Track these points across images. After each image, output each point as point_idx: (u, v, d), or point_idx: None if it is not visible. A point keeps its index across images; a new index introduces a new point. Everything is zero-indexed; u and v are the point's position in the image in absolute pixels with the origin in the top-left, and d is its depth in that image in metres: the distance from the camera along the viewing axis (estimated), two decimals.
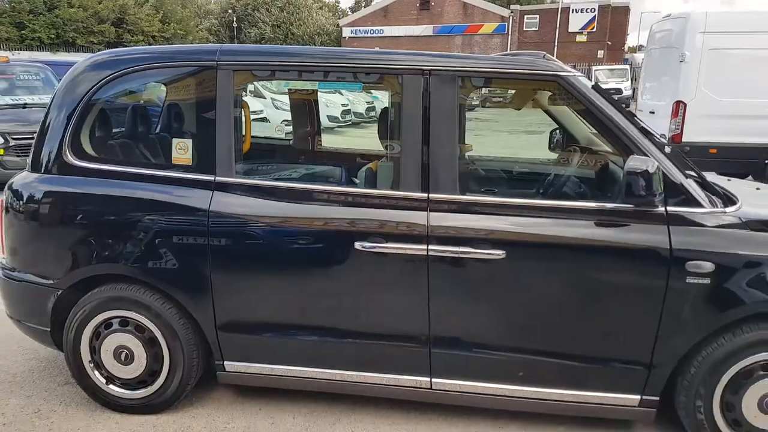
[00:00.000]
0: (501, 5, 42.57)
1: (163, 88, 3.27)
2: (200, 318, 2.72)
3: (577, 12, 37.05)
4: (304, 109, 4.14)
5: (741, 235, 2.39)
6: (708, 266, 2.35)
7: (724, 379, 2.46)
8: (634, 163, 2.28)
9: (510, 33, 38.68)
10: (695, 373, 2.47)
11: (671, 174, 2.43)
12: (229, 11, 44.85)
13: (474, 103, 30.68)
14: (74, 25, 29.98)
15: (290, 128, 4.25)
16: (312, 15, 44.58)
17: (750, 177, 8.40)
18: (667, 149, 2.55)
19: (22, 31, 29.09)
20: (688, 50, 8.42)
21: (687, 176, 2.49)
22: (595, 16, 36.63)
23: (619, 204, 2.41)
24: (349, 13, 51.77)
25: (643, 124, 2.67)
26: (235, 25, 44.31)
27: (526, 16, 38.98)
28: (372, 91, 22.81)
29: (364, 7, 52.05)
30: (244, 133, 2.84)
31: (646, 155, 2.40)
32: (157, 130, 3.35)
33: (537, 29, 38.43)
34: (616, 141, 2.50)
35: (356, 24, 43.47)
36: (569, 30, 37.21)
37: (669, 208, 2.40)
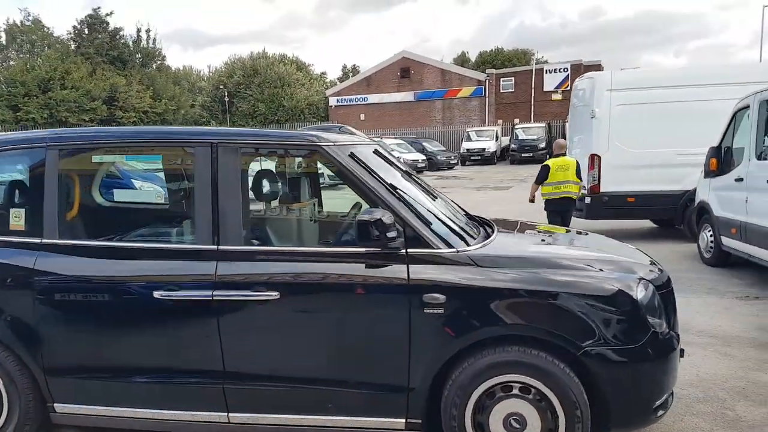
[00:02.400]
0: (480, 70, 44.34)
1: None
2: (31, 365, 3.09)
3: (550, 72, 38.55)
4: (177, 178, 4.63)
5: (468, 270, 2.80)
6: (441, 298, 2.74)
7: (472, 400, 2.80)
8: (364, 214, 2.73)
9: (487, 95, 40.07)
10: (448, 396, 2.82)
11: (409, 222, 2.86)
12: (221, 87, 46.65)
13: (452, 162, 31.87)
14: (66, 105, 31.41)
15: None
16: (304, 89, 46.30)
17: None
18: (415, 203, 2.99)
19: (17, 113, 30.54)
20: (597, 107, 9.05)
21: (428, 223, 2.91)
22: (568, 75, 38.03)
23: (371, 248, 2.82)
24: (337, 82, 53.68)
25: (400, 182, 3.15)
26: (226, 99, 46.01)
27: (502, 79, 40.49)
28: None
29: (352, 76, 54.03)
30: (73, 202, 3.31)
31: (387, 207, 2.84)
32: None
33: (513, 90, 39.87)
34: (365, 197, 2.96)
35: (342, 93, 45.09)
36: (544, 89, 38.58)
37: (409, 250, 2.83)
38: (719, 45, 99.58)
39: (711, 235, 7.33)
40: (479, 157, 32.71)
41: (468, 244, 2.96)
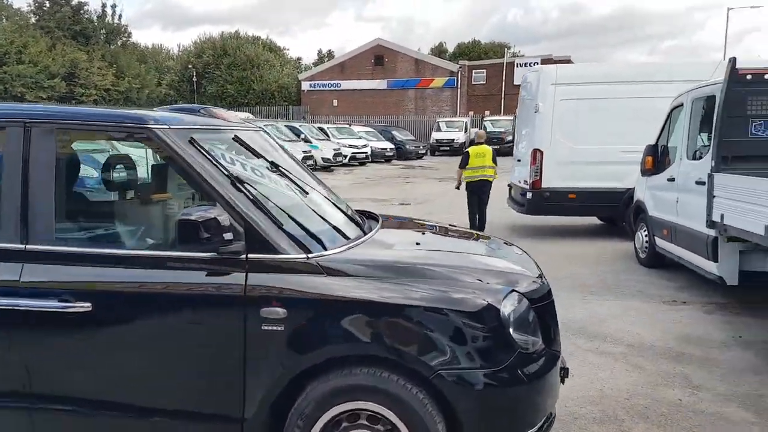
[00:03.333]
0: (455, 61, 44.00)
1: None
2: None
3: (521, 66, 38.35)
4: None
5: (315, 280, 2.44)
6: (280, 312, 2.38)
7: (315, 431, 2.45)
8: (191, 212, 2.33)
9: (459, 86, 39.83)
10: (289, 426, 2.47)
11: (254, 222, 2.47)
12: (189, 66, 45.53)
13: (421, 151, 31.56)
14: (23, 80, 30.10)
15: None
16: (273, 72, 45.46)
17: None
18: (266, 200, 2.60)
19: None
20: (541, 101, 8.79)
21: (278, 223, 2.53)
22: None
23: (208, 253, 2.43)
24: (312, 66, 52.81)
25: (255, 175, 2.77)
26: (194, 80, 44.95)
27: (474, 71, 40.36)
28: (312, 140, 23.27)
29: (327, 61, 53.23)
30: None
31: (227, 204, 2.46)
32: None
33: (485, 82, 39.76)
34: (201, 190, 2.57)
35: (315, 78, 44.43)
36: (515, 83, 38.39)
37: (250, 255, 2.45)
38: (692, 46, 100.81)
39: (646, 235, 7.12)
40: (448, 148, 32.49)
41: (326, 248, 2.60)
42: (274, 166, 3.05)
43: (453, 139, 32.68)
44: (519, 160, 9.80)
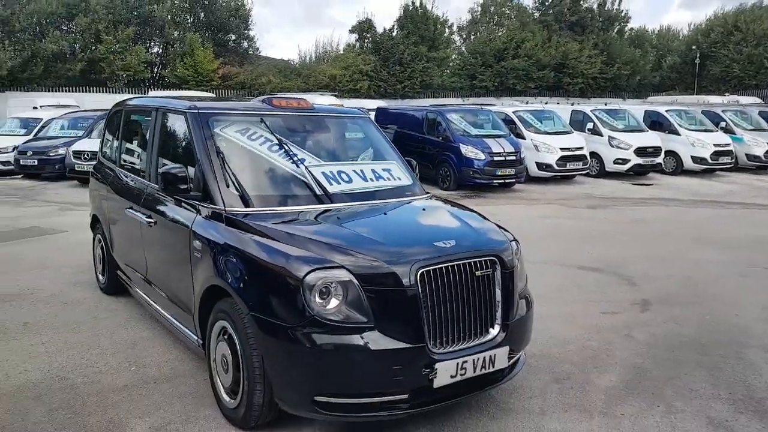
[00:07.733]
0: None
1: None
2: None
3: None
4: None
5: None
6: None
7: None
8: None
9: None
10: None
11: None
12: (693, 47, 41.32)
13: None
14: (515, 72, 33.63)
15: None
16: None
17: None
18: None
19: (473, 81, 34.62)
20: None
21: None
22: None
23: None
24: None
25: None
26: (697, 62, 40.64)
27: None
28: (736, 132, 17.67)
29: None
30: None
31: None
32: None
33: None
34: None
35: None
36: None
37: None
38: None
39: None
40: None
41: None
42: None
43: None
44: None
